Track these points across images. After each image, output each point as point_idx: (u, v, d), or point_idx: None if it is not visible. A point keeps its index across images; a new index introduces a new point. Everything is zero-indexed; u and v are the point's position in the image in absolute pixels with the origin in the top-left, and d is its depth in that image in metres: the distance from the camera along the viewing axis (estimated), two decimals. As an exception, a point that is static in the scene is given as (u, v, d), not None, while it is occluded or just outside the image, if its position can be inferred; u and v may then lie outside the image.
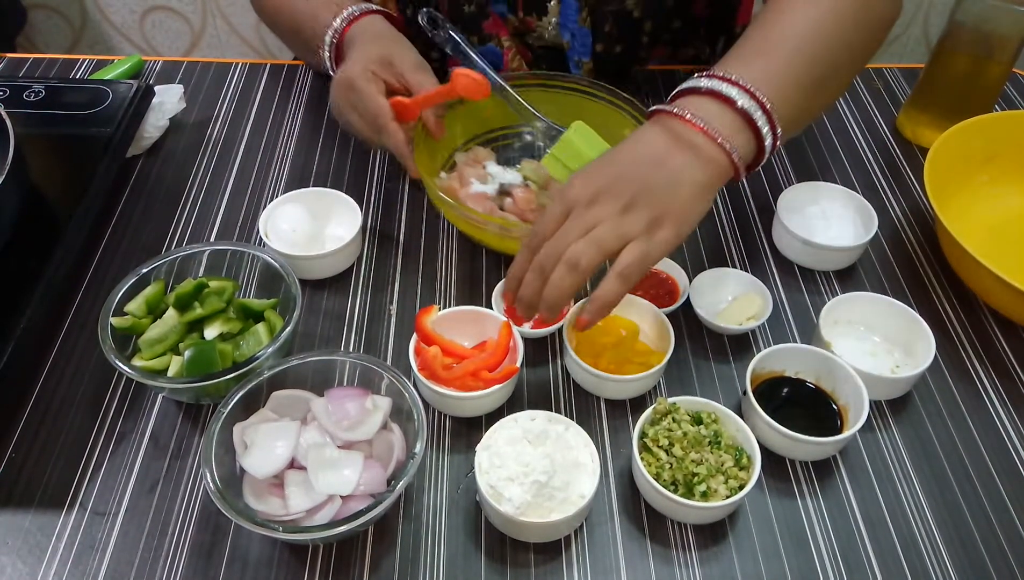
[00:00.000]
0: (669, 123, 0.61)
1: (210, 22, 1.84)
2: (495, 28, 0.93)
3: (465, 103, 0.82)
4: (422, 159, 0.78)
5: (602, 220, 0.58)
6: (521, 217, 0.77)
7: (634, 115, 0.82)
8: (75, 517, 0.61)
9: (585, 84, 0.85)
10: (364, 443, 0.62)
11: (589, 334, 0.71)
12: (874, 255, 0.82)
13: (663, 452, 0.61)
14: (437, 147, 0.83)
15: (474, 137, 0.88)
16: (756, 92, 0.61)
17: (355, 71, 0.77)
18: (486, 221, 0.74)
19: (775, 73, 0.63)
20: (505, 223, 0.74)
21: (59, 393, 0.69)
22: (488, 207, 0.78)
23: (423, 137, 0.80)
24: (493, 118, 0.88)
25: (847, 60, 0.70)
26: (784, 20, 0.67)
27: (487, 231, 0.74)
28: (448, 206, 0.75)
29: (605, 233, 0.58)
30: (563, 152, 0.81)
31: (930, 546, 0.61)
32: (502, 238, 0.74)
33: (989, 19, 0.84)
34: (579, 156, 0.79)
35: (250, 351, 0.67)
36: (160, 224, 0.83)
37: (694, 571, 0.59)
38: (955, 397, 0.71)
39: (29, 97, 0.87)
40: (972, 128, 0.84)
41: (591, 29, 0.92)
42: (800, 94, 0.65)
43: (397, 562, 0.59)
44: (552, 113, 0.85)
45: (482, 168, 0.82)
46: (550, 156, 0.82)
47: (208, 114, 0.96)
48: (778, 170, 0.91)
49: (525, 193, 0.79)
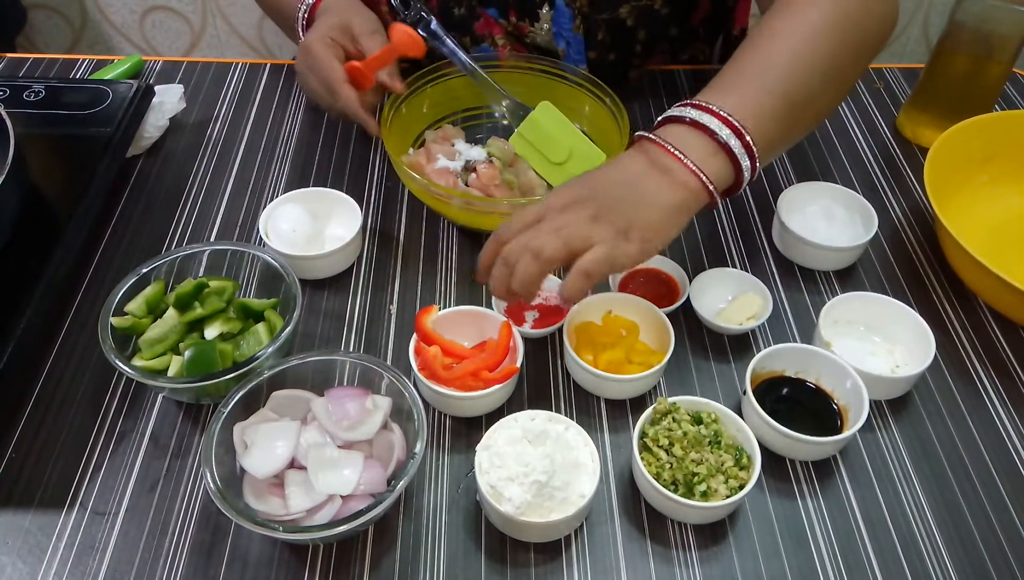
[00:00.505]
0: (647, 148, 0.64)
1: (210, 22, 1.84)
2: (487, 28, 0.94)
3: (438, 82, 0.87)
4: (393, 136, 0.81)
5: (571, 224, 0.61)
6: (484, 192, 0.80)
7: (597, 94, 0.86)
8: (75, 517, 0.61)
9: (552, 66, 0.89)
10: (364, 443, 0.62)
11: (589, 334, 0.71)
12: (874, 255, 0.82)
13: (663, 452, 0.61)
14: (408, 125, 0.87)
15: (445, 116, 0.91)
16: (734, 120, 0.63)
17: (313, 37, 0.82)
18: (449, 194, 0.76)
19: (755, 100, 0.64)
20: (468, 196, 0.77)
21: (59, 393, 0.69)
22: (451, 182, 0.80)
23: (393, 115, 0.83)
24: (464, 98, 0.90)
25: (834, 83, 0.70)
26: (773, 44, 0.68)
27: (451, 205, 0.76)
28: (412, 181, 0.77)
29: (572, 232, 0.61)
30: (529, 131, 0.83)
31: (930, 545, 0.61)
32: (465, 212, 0.77)
33: (989, 19, 0.84)
34: (544, 135, 0.82)
35: (250, 351, 0.67)
36: (160, 224, 0.83)
37: (694, 571, 0.59)
38: (955, 397, 0.71)
39: (29, 97, 0.87)
40: (972, 128, 0.84)
41: (584, 37, 0.92)
42: (780, 121, 0.66)
43: (397, 562, 0.59)
44: (521, 94, 0.87)
45: (450, 145, 0.85)
46: (517, 135, 0.84)
47: (208, 114, 0.96)
48: (778, 170, 0.91)
49: (489, 169, 0.82)
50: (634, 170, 0.63)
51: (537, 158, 0.84)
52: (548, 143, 0.83)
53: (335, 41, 0.81)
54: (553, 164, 0.84)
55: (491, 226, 0.79)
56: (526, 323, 0.73)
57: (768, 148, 0.65)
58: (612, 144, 0.83)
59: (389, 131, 0.81)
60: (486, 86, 0.86)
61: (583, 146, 0.84)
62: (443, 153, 0.83)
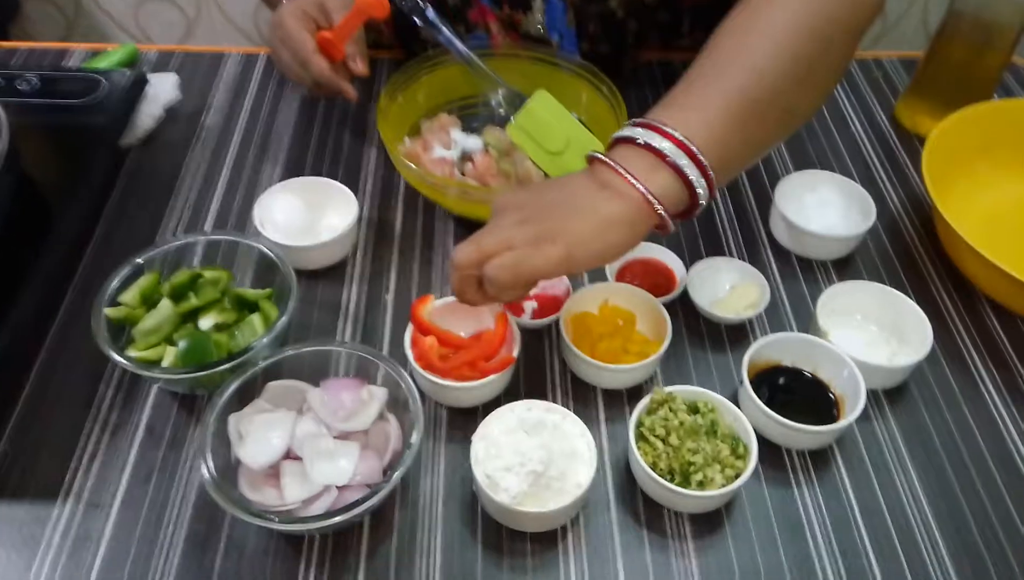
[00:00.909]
0: (593, 167, 0.62)
1: (205, 11, 1.83)
2: (481, 16, 0.93)
3: (433, 71, 0.87)
4: (389, 126, 0.80)
5: (496, 230, 0.59)
6: (481, 181, 0.80)
7: (594, 83, 0.85)
8: (70, 508, 0.61)
9: (548, 54, 0.88)
10: (360, 433, 0.62)
11: (586, 323, 0.70)
12: (872, 244, 0.82)
13: (660, 441, 0.61)
14: (404, 115, 0.86)
15: (440, 105, 0.90)
16: (679, 137, 0.58)
17: (286, 11, 0.83)
18: (445, 184, 0.75)
19: (707, 109, 0.60)
20: (464, 186, 0.77)
21: (53, 384, 0.68)
22: (448, 171, 0.80)
23: (389, 104, 0.83)
24: (460, 86, 0.90)
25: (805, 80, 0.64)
26: (731, 43, 0.64)
27: (447, 194, 0.76)
28: (409, 171, 0.76)
29: (487, 238, 0.59)
30: (526, 120, 0.82)
31: (926, 534, 0.61)
32: (461, 201, 0.76)
33: (988, 7, 0.84)
34: (541, 123, 0.81)
35: (245, 341, 0.66)
36: (154, 214, 0.83)
37: (690, 560, 0.59)
38: (952, 386, 0.71)
39: (22, 87, 0.86)
40: (971, 117, 0.84)
41: (576, 28, 0.92)
42: (739, 128, 0.61)
43: (393, 552, 0.59)
44: (517, 82, 0.86)
45: (446, 134, 0.84)
46: (513, 124, 0.83)
47: (203, 103, 0.96)
48: (776, 159, 0.91)
49: (485, 158, 0.81)
50: (576, 183, 0.61)
51: (534, 147, 0.83)
52: (545, 132, 0.82)
53: (307, 14, 0.82)
54: (550, 153, 0.83)
55: (487, 216, 0.79)
56: (524, 314, 0.72)
57: (725, 159, 0.60)
58: (609, 133, 0.82)
59: (386, 121, 0.80)
60: (482, 75, 0.85)
61: (580, 135, 0.83)
62: (439, 142, 0.83)
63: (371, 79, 0.95)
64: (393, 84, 0.84)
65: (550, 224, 0.58)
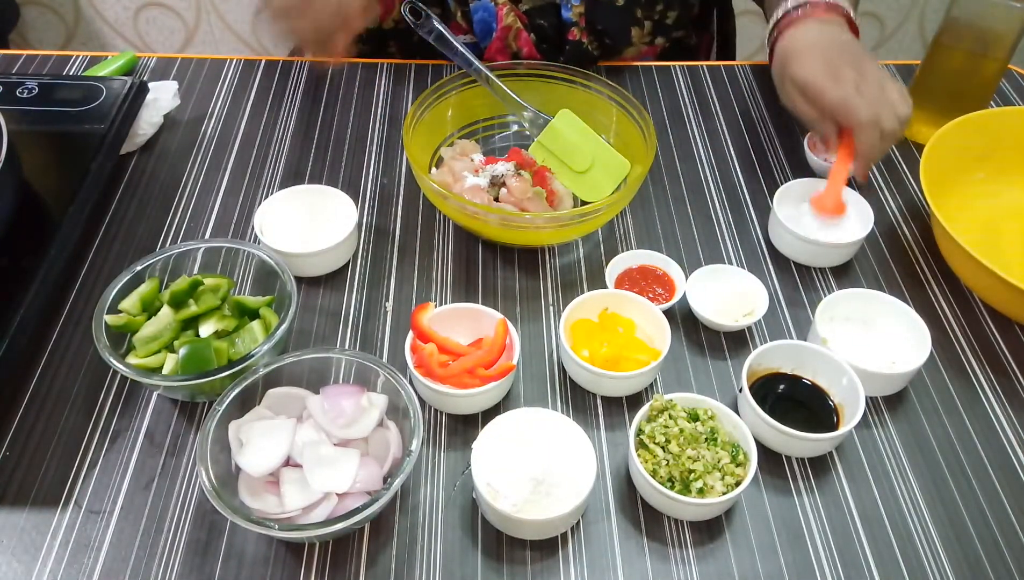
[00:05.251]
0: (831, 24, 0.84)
1: (204, 19, 1.83)
2: None
3: (449, 96, 0.85)
4: (413, 155, 0.78)
5: (856, 100, 0.78)
6: (518, 206, 0.77)
7: (616, 100, 0.84)
8: (70, 515, 0.61)
9: (566, 72, 0.86)
10: (360, 440, 0.62)
11: (586, 331, 0.70)
12: (870, 251, 0.82)
13: (659, 449, 0.61)
14: (426, 143, 0.84)
15: (460, 128, 0.89)
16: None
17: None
18: (487, 212, 0.74)
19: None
20: (506, 213, 0.75)
21: (53, 391, 0.68)
22: (485, 199, 0.78)
23: (414, 131, 0.80)
24: (476, 109, 0.88)
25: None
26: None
27: (488, 223, 0.74)
28: (445, 201, 0.75)
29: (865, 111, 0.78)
30: (550, 140, 0.81)
31: (926, 541, 0.61)
32: (503, 228, 0.75)
33: (985, 15, 0.84)
34: (566, 143, 0.80)
35: (245, 349, 0.66)
36: (154, 221, 0.83)
37: (690, 568, 0.59)
38: (951, 393, 0.71)
39: (22, 94, 0.87)
40: (968, 124, 0.84)
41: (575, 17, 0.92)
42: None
43: (393, 559, 0.59)
44: (535, 102, 0.85)
45: (470, 160, 0.82)
46: (537, 144, 0.82)
47: (202, 111, 0.96)
48: (774, 166, 0.91)
49: (520, 182, 0.79)
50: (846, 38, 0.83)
51: (558, 166, 0.82)
52: (570, 152, 0.81)
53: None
54: (575, 173, 0.82)
55: (528, 241, 0.78)
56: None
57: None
58: (637, 152, 0.81)
59: (410, 150, 0.78)
60: (503, 95, 0.84)
61: (605, 154, 0.82)
62: (466, 170, 0.81)
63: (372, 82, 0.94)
64: (412, 112, 0.81)
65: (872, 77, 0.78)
